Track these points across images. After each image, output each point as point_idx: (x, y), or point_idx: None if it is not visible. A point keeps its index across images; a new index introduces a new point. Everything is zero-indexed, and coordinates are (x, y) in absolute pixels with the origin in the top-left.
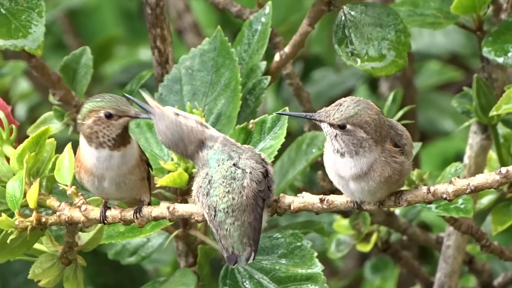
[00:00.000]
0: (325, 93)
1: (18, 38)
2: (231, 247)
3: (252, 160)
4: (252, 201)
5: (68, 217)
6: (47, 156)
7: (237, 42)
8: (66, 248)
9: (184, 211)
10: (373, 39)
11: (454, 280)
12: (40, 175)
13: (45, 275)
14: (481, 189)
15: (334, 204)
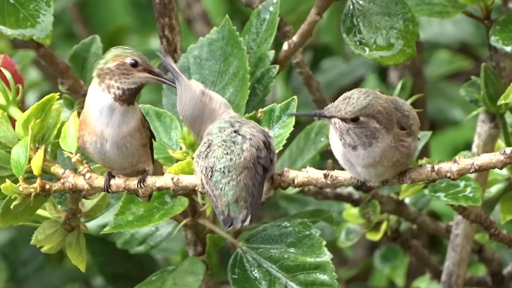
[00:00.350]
0: (335, 82)
1: (26, 27)
2: (227, 208)
3: (254, 129)
4: (250, 165)
5: (72, 184)
6: (52, 122)
7: (246, 31)
8: (70, 215)
9: (188, 182)
10: (381, 28)
11: (463, 268)
12: (45, 142)
13: (48, 241)
14: (485, 168)
15: (338, 179)
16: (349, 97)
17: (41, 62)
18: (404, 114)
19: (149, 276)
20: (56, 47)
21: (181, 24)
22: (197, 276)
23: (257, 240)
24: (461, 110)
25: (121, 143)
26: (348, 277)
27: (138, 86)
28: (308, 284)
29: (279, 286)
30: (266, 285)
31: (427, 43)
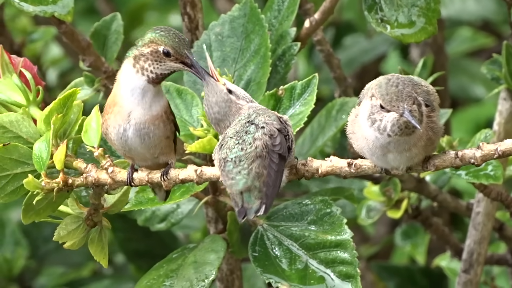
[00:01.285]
0: (356, 59)
1: (48, 4)
2: (240, 198)
3: (269, 118)
4: (264, 153)
5: (95, 179)
6: (74, 118)
7: (267, 9)
8: (92, 210)
9: (212, 174)
10: (403, 5)
11: (484, 246)
12: (67, 137)
13: (70, 237)
14: (509, 154)
15: (362, 168)
16: (418, 83)
17: (63, 39)
18: (424, 90)
19: (170, 254)
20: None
21: (203, 0)
22: (218, 253)
23: (278, 218)
24: (483, 87)
25: (144, 131)
26: (370, 254)
27: (170, 72)
28: (328, 262)
29: (300, 264)
30: (287, 263)
31: (449, 20)
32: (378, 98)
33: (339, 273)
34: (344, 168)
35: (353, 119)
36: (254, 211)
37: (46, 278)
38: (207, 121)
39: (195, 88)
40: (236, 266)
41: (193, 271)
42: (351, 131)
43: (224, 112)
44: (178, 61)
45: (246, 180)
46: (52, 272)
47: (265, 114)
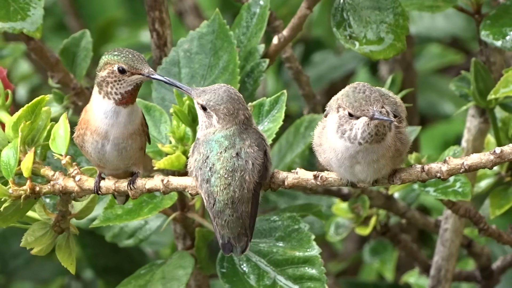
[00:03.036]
0: (326, 75)
1: (16, 20)
2: (228, 236)
3: (256, 147)
4: (252, 193)
5: (62, 186)
6: (42, 124)
7: (236, 25)
8: (59, 217)
9: (178, 184)
10: (372, 22)
11: (452, 263)
12: (35, 143)
13: (38, 243)
14: (475, 168)
15: (328, 181)
16: (385, 94)
17: (32, 55)
18: (391, 101)
19: (138, 270)
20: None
21: (172, 16)
22: (186, 269)
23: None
24: (451, 104)
25: (122, 146)
26: (338, 270)
27: (134, 87)
28: (296, 278)
29: (268, 280)
30: (255, 279)
31: (418, 37)
32: (346, 107)
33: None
34: (310, 180)
35: (320, 131)
36: (241, 251)
37: None
38: (176, 137)
39: (163, 105)
40: (204, 282)
41: (161, 287)
42: (318, 143)
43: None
44: (136, 74)
45: (238, 224)
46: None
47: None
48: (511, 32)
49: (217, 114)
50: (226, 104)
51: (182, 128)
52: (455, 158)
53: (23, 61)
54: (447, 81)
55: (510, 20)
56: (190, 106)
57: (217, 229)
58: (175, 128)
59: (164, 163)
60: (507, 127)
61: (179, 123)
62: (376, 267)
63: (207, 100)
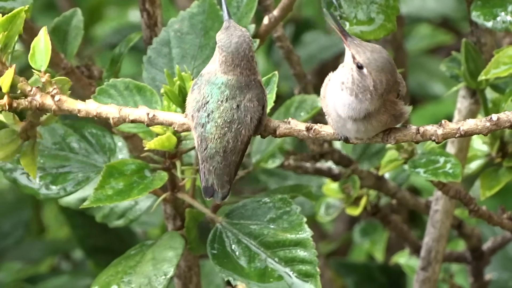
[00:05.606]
0: (316, 55)
1: (7, 0)
2: (211, 181)
3: (255, 101)
4: (244, 145)
5: (40, 103)
6: (16, 30)
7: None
8: (28, 126)
9: (164, 119)
10: (362, 2)
11: (442, 244)
12: (7, 50)
13: (4, 149)
14: (471, 134)
15: (320, 134)
16: (377, 52)
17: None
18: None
19: (128, 250)
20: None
21: None
22: (176, 250)
23: (237, 216)
24: (442, 85)
25: None
26: (328, 251)
27: None
28: (288, 261)
29: (259, 262)
30: (246, 260)
31: (409, 17)
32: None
33: (299, 272)
34: (303, 131)
35: (326, 83)
36: (221, 197)
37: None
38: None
39: (154, 85)
40: (194, 263)
41: (151, 268)
42: (323, 95)
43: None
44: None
45: (224, 172)
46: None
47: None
48: (502, 13)
49: (220, 54)
50: (229, 54)
51: (173, 108)
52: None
53: None
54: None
55: (501, 1)
56: (181, 86)
57: (203, 173)
58: (165, 108)
59: (154, 143)
60: (497, 108)
61: (169, 103)
62: (366, 247)
63: (219, 40)
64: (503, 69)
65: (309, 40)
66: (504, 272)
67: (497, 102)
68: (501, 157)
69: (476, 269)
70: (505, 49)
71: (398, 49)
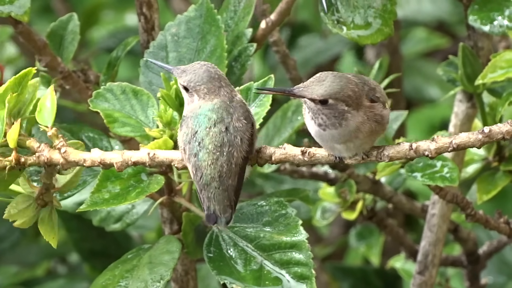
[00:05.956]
0: (312, 59)
1: (4, 4)
2: (213, 208)
3: (244, 121)
4: (239, 168)
5: (47, 158)
6: (29, 97)
7: (223, 9)
8: (43, 190)
9: (165, 158)
10: (359, 7)
11: (439, 248)
12: (21, 116)
13: (21, 216)
14: (463, 147)
15: (315, 157)
16: (323, 80)
17: (19, 39)
18: (371, 87)
19: (125, 254)
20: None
21: (159, 1)
22: (173, 254)
23: (233, 219)
24: (438, 89)
25: None
26: (324, 255)
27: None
28: (283, 263)
29: (255, 265)
30: (242, 263)
31: (405, 21)
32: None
33: (294, 274)
34: (298, 156)
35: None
36: (225, 222)
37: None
38: (163, 121)
39: (150, 89)
40: (191, 267)
41: (148, 272)
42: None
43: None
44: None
45: (224, 196)
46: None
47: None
48: (499, 17)
49: (198, 94)
50: (206, 85)
51: (169, 112)
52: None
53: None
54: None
55: (498, 5)
56: (177, 90)
57: (203, 201)
58: (162, 112)
59: (151, 147)
60: (494, 112)
61: (166, 107)
62: (362, 251)
63: (188, 81)
64: (500, 73)
65: (304, 44)
66: (500, 276)
67: (494, 106)
68: (498, 161)
69: (472, 273)
70: (502, 53)
71: (394, 53)
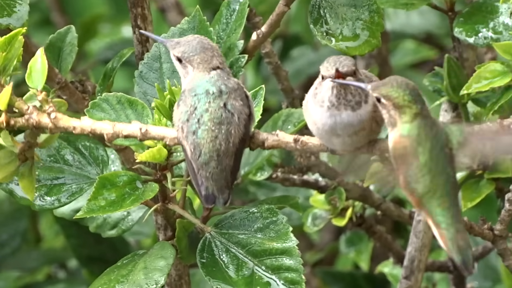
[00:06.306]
0: (303, 70)
1: (3, 16)
2: (211, 188)
3: (240, 101)
4: (236, 148)
5: (36, 121)
6: (14, 53)
7: (216, 22)
8: (26, 147)
9: (156, 134)
10: (348, 19)
11: (424, 254)
12: (6, 72)
13: (2, 171)
14: None
15: (307, 145)
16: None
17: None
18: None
19: (121, 259)
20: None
21: (155, 13)
22: (167, 260)
23: (226, 225)
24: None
25: None
26: (315, 260)
27: None
28: (274, 269)
29: (246, 270)
30: (234, 269)
31: (394, 33)
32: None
33: (285, 280)
34: (290, 143)
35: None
36: (223, 202)
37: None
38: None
39: (145, 99)
40: (185, 272)
41: (143, 277)
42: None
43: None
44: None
45: (222, 176)
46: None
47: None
48: (483, 29)
49: (191, 64)
50: (199, 55)
51: (163, 121)
52: None
53: None
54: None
55: (482, 17)
56: (171, 100)
57: (200, 181)
58: (156, 121)
59: (146, 155)
60: (479, 121)
61: (160, 116)
62: (352, 257)
63: (182, 52)
64: (484, 84)
65: (296, 55)
66: (486, 281)
67: (479, 116)
68: (482, 170)
69: (458, 278)
70: (487, 64)
71: (383, 64)
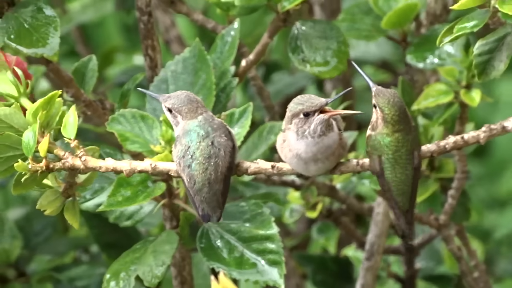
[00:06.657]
0: (282, 91)
1: (38, 47)
2: (206, 209)
3: (224, 137)
4: (224, 175)
5: (71, 164)
6: (56, 112)
7: (212, 51)
8: (67, 186)
9: (163, 168)
10: (320, 48)
11: (382, 240)
12: (50, 127)
13: (50, 206)
14: None
15: (282, 170)
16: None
17: (50, 75)
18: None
19: (134, 245)
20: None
21: (161, 44)
22: (172, 245)
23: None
24: None
25: None
26: (291, 245)
27: None
28: (259, 252)
29: (237, 253)
30: (227, 252)
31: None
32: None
33: (268, 260)
34: (268, 169)
35: (281, 144)
36: (216, 219)
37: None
38: (165, 140)
39: (155, 114)
40: (187, 255)
41: (152, 259)
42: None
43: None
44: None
45: (213, 199)
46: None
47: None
48: (430, 56)
49: (180, 114)
50: (187, 106)
51: (170, 132)
52: None
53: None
54: None
55: (430, 46)
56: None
57: (197, 204)
58: (164, 132)
59: (155, 160)
60: (427, 131)
61: (167, 128)
62: (322, 243)
63: (172, 104)
64: (431, 101)
65: (276, 79)
66: (431, 262)
67: (427, 127)
68: (430, 171)
69: (408, 259)
70: (433, 85)
71: (347, 86)
